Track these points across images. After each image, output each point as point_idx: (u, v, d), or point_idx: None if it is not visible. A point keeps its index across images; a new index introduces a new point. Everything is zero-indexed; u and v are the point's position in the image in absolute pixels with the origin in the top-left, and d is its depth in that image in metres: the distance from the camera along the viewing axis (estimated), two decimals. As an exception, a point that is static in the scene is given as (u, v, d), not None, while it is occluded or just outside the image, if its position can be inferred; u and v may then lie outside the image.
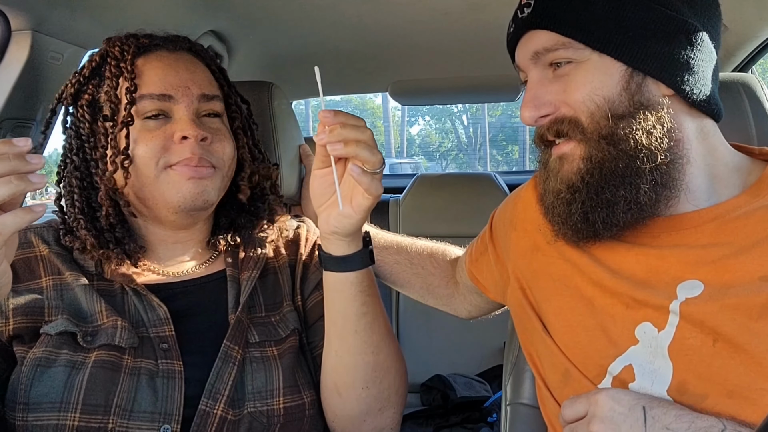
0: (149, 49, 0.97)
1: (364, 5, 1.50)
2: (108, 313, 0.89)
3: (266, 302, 1.00)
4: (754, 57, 1.73)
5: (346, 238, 0.88)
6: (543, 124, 0.84)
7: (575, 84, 0.80)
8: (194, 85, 0.95)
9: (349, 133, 0.79)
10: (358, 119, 0.81)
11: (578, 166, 0.81)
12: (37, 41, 1.23)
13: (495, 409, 1.99)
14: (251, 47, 1.81)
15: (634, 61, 0.78)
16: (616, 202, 0.79)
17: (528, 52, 0.84)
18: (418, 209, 2.40)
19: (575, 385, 0.86)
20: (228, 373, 0.89)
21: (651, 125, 0.78)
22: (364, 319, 0.91)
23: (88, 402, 0.82)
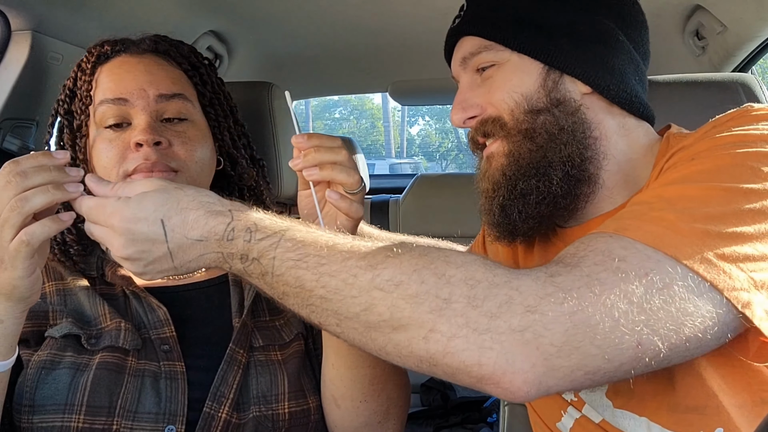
0: (110, 57, 0.96)
1: (364, 6, 1.50)
2: (111, 315, 0.89)
3: (270, 306, 0.99)
4: (754, 57, 1.73)
5: None
6: (471, 126, 0.87)
7: (497, 84, 0.83)
8: (151, 86, 0.92)
9: (323, 156, 0.80)
10: (333, 140, 0.82)
11: (501, 162, 0.84)
12: (37, 41, 1.24)
13: (495, 409, 1.99)
14: (251, 47, 1.82)
15: (549, 60, 0.81)
16: (529, 191, 0.81)
17: (458, 58, 0.89)
18: (418, 209, 2.40)
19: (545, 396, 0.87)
20: (233, 377, 0.88)
21: (565, 120, 0.81)
22: None
23: (93, 403, 0.82)
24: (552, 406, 0.87)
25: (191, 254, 0.68)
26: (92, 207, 0.71)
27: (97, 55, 0.95)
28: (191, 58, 1.02)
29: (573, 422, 0.84)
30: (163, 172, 0.91)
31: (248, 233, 0.67)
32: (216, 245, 0.67)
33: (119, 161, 0.90)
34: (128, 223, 0.67)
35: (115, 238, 0.68)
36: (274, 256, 0.65)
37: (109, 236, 0.69)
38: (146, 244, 0.67)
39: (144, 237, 0.67)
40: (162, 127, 0.93)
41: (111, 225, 0.68)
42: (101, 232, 0.70)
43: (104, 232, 0.70)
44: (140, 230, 0.67)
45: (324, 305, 0.63)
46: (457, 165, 27.33)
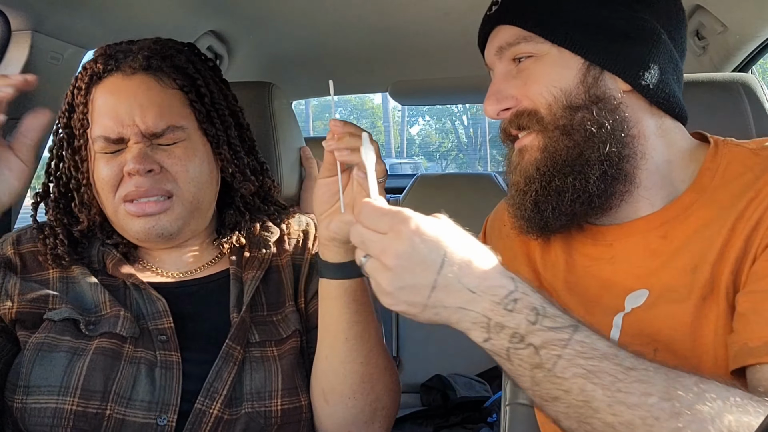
0: (103, 76, 0.94)
1: (364, 6, 1.50)
2: (111, 303, 0.91)
3: (269, 301, 1.00)
4: (754, 57, 1.73)
5: (344, 245, 0.88)
6: (505, 118, 0.85)
7: (534, 77, 0.82)
8: (142, 122, 0.92)
9: (356, 142, 0.81)
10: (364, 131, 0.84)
11: (535, 156, 0.82)
12: (37, 41, 1.23)
13: (495, 409, 1.99)
14: (251, 47, 1.82)
15: (590, 56, 0.80)
16: (565, 189, 0.80)
17: (493, 47, 0.87)
18: (418, 209, 2.37)
19: None
20: (228, 373, 0.89)
21: (604, 117, 0.79)
22: (355, 327, 0.91)
23: (87, 387, 0.83)
24: None
25: (452, 300, 0.63)
26: (365, 236, 0.67)
27: (90, 74, 0.94)
28: (188, 69, 0.98)
29: None
30: (155, 203, 0.93)
31: (534, 314, 0.62)
32: (487, 306, 0.63)
33: (114, 186, 0.93)
34: (405, 245, 0.63)
35: (382, 272, 0.65)
36: (561, 354, 0.60)
37: (377, 268, 0.65)
38: (417, 267, 0.63)
39: (420, 258, 0.63)
40: (155, 151, 0.93)
41: (381, 258, 0.65)
42: (371, 264, 0.66)
43: (373, 263, 0.66)
44: (419, 249, 0.63)
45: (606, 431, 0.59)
46: (458, 165, 27.33)
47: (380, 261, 0.64)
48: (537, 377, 0.61)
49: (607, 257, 0.84)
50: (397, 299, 0.65)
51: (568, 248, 0.88)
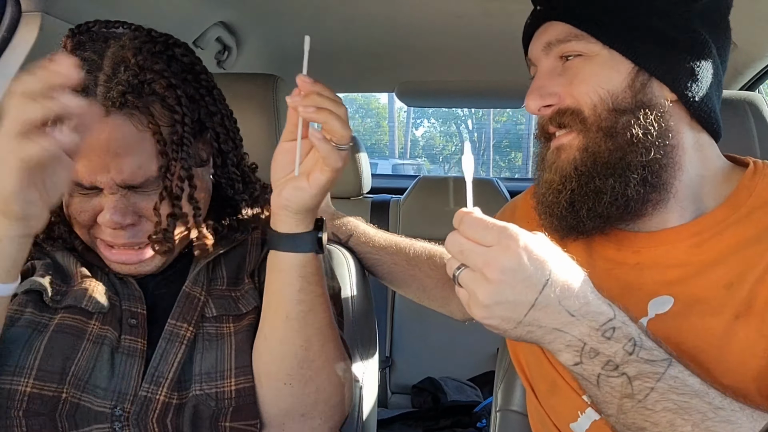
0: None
1: (376, 3, 1.50)
2: (83, 276, 0.86)
3: (229, 275, 0.94)
4: (762, 77, 1.73)
5: (296, 215, 0.83)
6: (546, 114, 0.85)
7: (582, 76, 0.81)
8: (117, 173, 0.81)
9: (323, 102, 0.77)
10: (336, 96, 0.80)
11: (574, 155, 0.82)
12: (47, 24, 1.23)
13: (485, 414, 1.99)
14: (260, 40, 1.81)
15: (641, 61, 0.80)
16: (604, 191, 0.80)
17: (541, 43, 0.86)
18: (419, 211, 2.40)
19: (562, 395, 0.87)
20: (174, 354, 0.84)
21: (650, 123, 0.79)
22: (299, 306, 0.85)
23: (44, 368, 0.79)
24: (568, 406, 0.86)
25: (549, 321, 0.63)
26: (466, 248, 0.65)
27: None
28: (168, 100, 0.83)
29: (590, 424, 0.83)
30: (134, 251, 0.86)
31: (632, 344, 0.63)
32: (585, 331, 0.63)
33: (89, 223, 0.85)
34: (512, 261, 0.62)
35: (482, 285, 0.63)
36: (654, 387, 0.61)
37: (477, 280, 0.64)
38: (520, 284, 0.62)
39: (525, 275, 0.62)
40: (133, 198, 0.84)
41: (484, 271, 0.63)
42: (468, 276, 0.65)
43: (472, 275, 0.64)
44: (525, 267, 0.62)
45: None
46: (460, 168, 27.31)
47: (482, 273, 0.63)
48: (625, 406, 0.62)
49: (631, 263, 0.83)
50: (492, 313, 0.64)
51: (588, 250, 0.88)
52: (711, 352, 0.73)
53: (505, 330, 0.66)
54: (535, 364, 0.92)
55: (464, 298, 0.67)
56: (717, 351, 0.73)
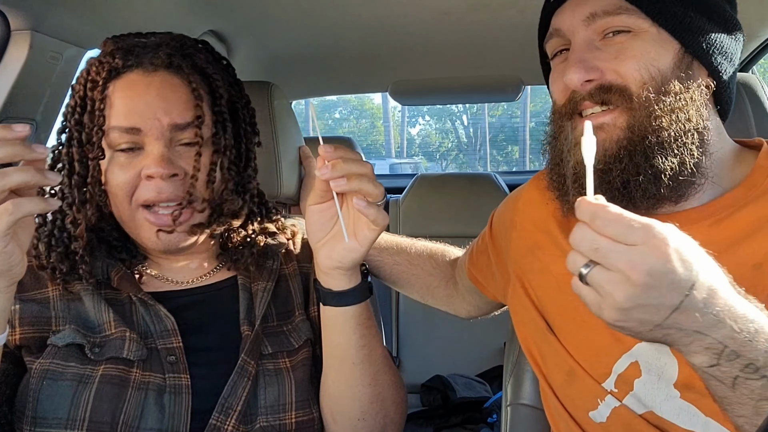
0: (122, 72, 0.88)
1: (364, 5, 1.50)
2: (116, 323, 0.87)
3: (278, 311, 0.97)
4: (755, 57, 1.73)
5: (348, 271, 0.87)
6: (586, 90, 0.81)
7: (631, 52, 0.79)
8: (164, 115, 0.86)
9: (351, 167, 0.78)
10: (356, 154, 0.81)
11: (618, 135, 0.79)
12: (37, 41, 1.23)
13: (495, 409, 1.99)
14: (251, 47, 1.81)
15: (689, 42, 0.79)
16: (663, 170, 0.78)
17: (582, 12, 0.82)
18: (418, 209, 2.40)
19: (580, 384, 0.86)
20: (242, 388, 0.87)
21: (695, 108, 0.78)
22: (362, 351, 0.89)
23: (95, 419, 0.81)
24: (587, 394, 0.85)
25: (690, 323, 0.59)
26: (607, 248, 0.59)
27: (108, 69, 0.88)
28: (208, 69, 0.94)
29: (610, 411, 0.83)
30: (177, 204, 0.88)
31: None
32: (727, 333, 0.59)
33: (130, 190, 0.88)
34: (662, 263, 0.57)
35: (623, 287, 0.58)
36: None
37: (615, 282, 0.59)
38: (666, 286, 0.58)
39: (673, 278, 0.57)
40: (176, 154, 0.88)
41: (628, 273, 0.58)
42: (604, 276, 0.59)
43: (608, 275, 0.59)
44: (675, 269, 0.57)
45: None
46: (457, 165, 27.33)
47: (623, 274, 0.58)
48: (763, 408, 0.59)
49: None
50: (629, 316, 0.59)
51: None
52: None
53: (638, 332, 0.62)
54: (550, 354, 0.92)
55: (592, 298, 0.62)
56: None
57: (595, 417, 0.85)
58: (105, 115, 0.87)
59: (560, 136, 0.86)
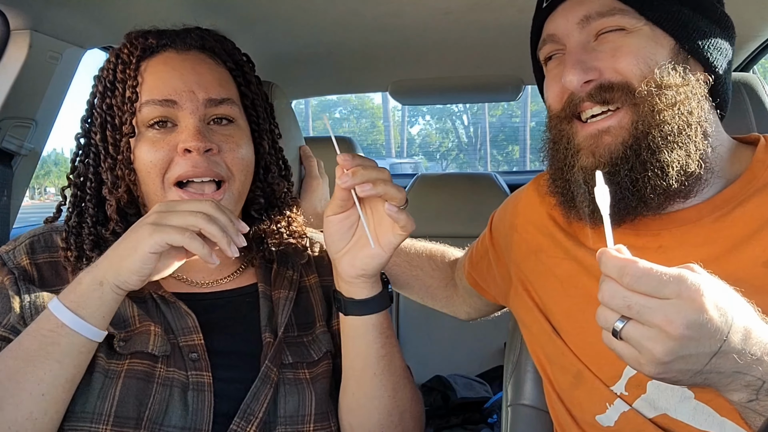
0: (156, 51, 0.91)
1: (364, 4, 1.49)
2: (141, 318, 0.87)
3: (299, 322, 0.97)
4: (756, 57, 1.73)
5: (370, 279, 0.87)
6: (586, 91, 0.81)
7: (627, 49, 0.79)
8: (200, 89, 0.88)
9: (371, 174, 0.78)
10: (372, 161, 0.81)
11: (624, 137, 0.79)
12: (36, 41, 1.23)
13: (495, 410, 1.98)
14: (251, 46, 1.80)
15: (683, 38, 0.79)
16: (670, 164, 0.77)
17: (576, 15, 0.82)
18: (418, 209, 2.39)
19: (588, 387, 0.86)
20: (264, 395, 0.86)
21: (697, 101, 0.79)
22: (383, 361, 0.89)
23: (121, 414, 0.81)
24: (595, 398, 0.85)
25: (729, 365, 0.59)
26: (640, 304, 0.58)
27: (141, 48, 0.90)
28: (235, 56, 0.97)
29: (618, 415, 0.82)
30: (210, 192, 0.89)
31: None
32: (765, 369, 0.60)
33: (164, 166, 0.88)
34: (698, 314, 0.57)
35: (661, 342, 0.58)
36: None
37: (653, 337, 0.58)
38: (705, 336, 0.57)
39: (711, 327, 0.57)
40: (210, 131, 0.89)
41: (666, 328, 0.57)
42: (640, 332, 0.59)
43: (644, 331, 0.59)
44: (712, 319, 0.57)
45: None
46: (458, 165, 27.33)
47: (661, 330, 0.57)
48: None
49: (653, 246, 0.82)
50: (670, 369, 0.59)
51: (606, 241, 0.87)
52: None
53: (679, 380, 0.61)
54: (557, 357, 0.91)
55: (629, 354, 0.61)
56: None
57: (602, 421, 0.84)
58: (137, 91, 0.88)
59: (561, 141, 0.86)
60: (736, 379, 0.61)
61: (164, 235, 0.75)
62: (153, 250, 0.76)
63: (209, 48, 0.94)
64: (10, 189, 1.32)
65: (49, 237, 0.93)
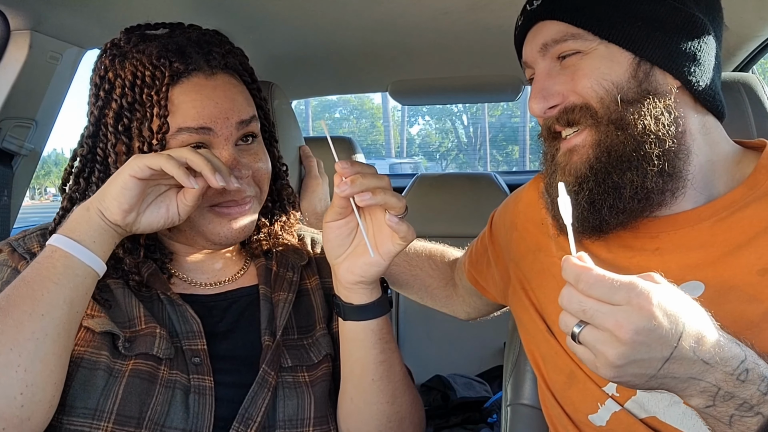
0: (184, 76, 0.88)
1: (364, 5, 1.50)
2: (147, 319, 0.88)
3: (299, 324, 0.97)
4: (755, 57, 1.73)
5: (370, 285, 0.87)
6: (552, 115, 0.84)
7: (582, 72, 0.81)
8: (233, 114, 0.89)
9: (371, 182, 0.78)
10: (372, 168, 0.81)
11: (587, 155, 0.81)
12: (36, 41, 1.23)
13: (495, 409, 1.99)
14: (251, 47, 1.80)
15: (641, 51, 0.79)
16: (623, 185, 0.79)
17: (536, 44, 0.85)
18: (418, 209, 2.40)
19: (580, 387, 0.86)
20: (262, 399, 0.87)
21: (659, 112, 0.79)
22: (381, 367, 0.89)
23: (123, 413, 0.81)
24: (587, 397, 0.86)
25: (683, 371, 0.62)
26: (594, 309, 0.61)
27: (170, 74, 0.87)
28: (246, 65, 0.98)
29: (610, 415, 0.83)
30: (248, 203, 0.92)
31: (765, 384, 0.62)
32: (720, 377, 0.62)
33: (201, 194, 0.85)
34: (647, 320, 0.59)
35: (613, 346, 0.60)
36: None
37: (606, 341, 0.61)
38: (655, 341, 0.60)
39: (660, 333, 0.60)
40: (239, 152, 0.90)
41: (616, 332, 0.60)
42: (594, 335, 0.62)
43: (598, 335, 0.61)
44: (661, 324, 0.59)
45: None
46: (457, 165, 27.34)
47: (613, 334, 0.60)
48: None
49: (651, 248, 0.83)
50: (623, 372, 0.62)
51: (604, 241, 0.87)
52: (746, 336, 0.72)
53: (635, 384, 0.64)
54: (551, 356, 0.92)
55: (587, 357, 0.64)
56: (758, 337, 0.72)
57: (594, 420, 0.85)
58: (168, 122, 0.86)
59: (547, 157, 0.89)
60: (691, 384, 0.63)
61: (146, 159, 0.77)
62: (133, 173, 0.77)
63: (231, 67, 0.94)
64: (10, 189, 1.32)
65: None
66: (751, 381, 0.62)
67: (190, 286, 0.96)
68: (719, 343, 0.62)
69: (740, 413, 0.62)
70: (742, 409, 0.62)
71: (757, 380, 0.62)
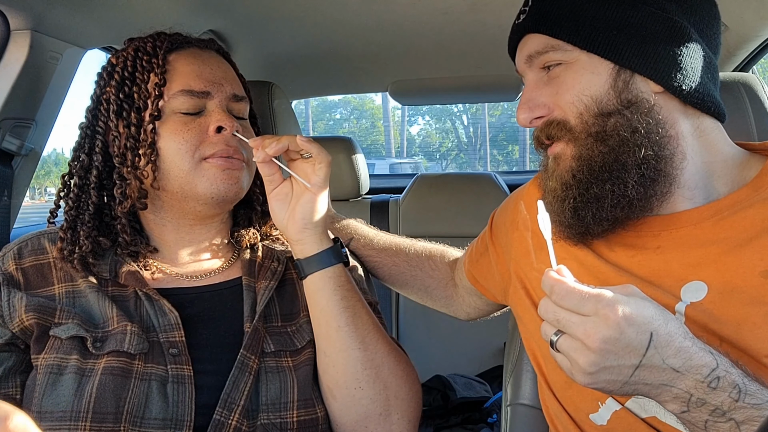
0: (182, 46, 0.99)
1: (363, 5, 1.50)
2: (119, 318, 0.89)
3: (282, 312, 0.99)
4: (755, 57, 1.73)
5: (316, 232, 0.94)
6: (537, 126, 0.86)
7: (565, 85, 0.82)
8: (227, 83, 0.98)
9: (271, 139, 0.91)
10: (271, 136, 0.93)
11: (570, 164, 0.83)
12: (36, 41, 1.23)
13: (495, 409, 1.99)
14: (251, 47, 1.81)
15: (620, 59, 0.80)
16: (603, 196, 0.81)
17: (522, 56, 0.88)
18: (418, 209, 2.40)
19: (581, 386, 0.86)
20: (244, 383, 0.88)
21: (638, 121, 0.79)
22: (345, 313, 0.93)
23: (99, 410, 0.82)
24: (588, 397, 0.86)
25: (654, 378, 0.65)
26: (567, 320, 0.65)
27: (168, 42, 0.97)
28: (240, 75, 1.07)
29: (611, 414, 0.83)
30: (239, 160, 0.96)
31: (737, 392, 0.64)
32: (691, 384, 0.64)
33: (195, 145, 0.94)
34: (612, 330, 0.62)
35: (584, 354, 0.64)
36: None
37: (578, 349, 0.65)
38: (623, 350, 0.63)
39: (627, 341, 0.63)
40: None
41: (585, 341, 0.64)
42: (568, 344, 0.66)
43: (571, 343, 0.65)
44: (627, 334, 0.63)
45: None
46: (458, 165, 27.35)
47: (583, 343, 0.64)
48: None
49: (652, 246, 0.83)
50: (597, 378, 0.65)
51: (606, 240, 0.88)
52: (751, 339, 0.73)
53: (610, 390, 0.67)
54: (551, 356, 0.92)
55: (564, 364, 0.68)
56: (761, 339, 0.73)
57: (595, 419, 0.85)
58: (166, 78, 0.95)
59: (542, 164, 0.92)
60: (664, 390, 0.65)
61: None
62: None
63: (223, 54, 1.05)
64: (10, 189, 1.32)
65: (36, 241, 0.97)
66: (722, 388, 0.64)
67: (173, 279, 0.98)
68: (689, 351, 0.65)
69: (714, 419, 0.64)
70: (715, 414, 0.64)
71: (729, 387, 0.64)
